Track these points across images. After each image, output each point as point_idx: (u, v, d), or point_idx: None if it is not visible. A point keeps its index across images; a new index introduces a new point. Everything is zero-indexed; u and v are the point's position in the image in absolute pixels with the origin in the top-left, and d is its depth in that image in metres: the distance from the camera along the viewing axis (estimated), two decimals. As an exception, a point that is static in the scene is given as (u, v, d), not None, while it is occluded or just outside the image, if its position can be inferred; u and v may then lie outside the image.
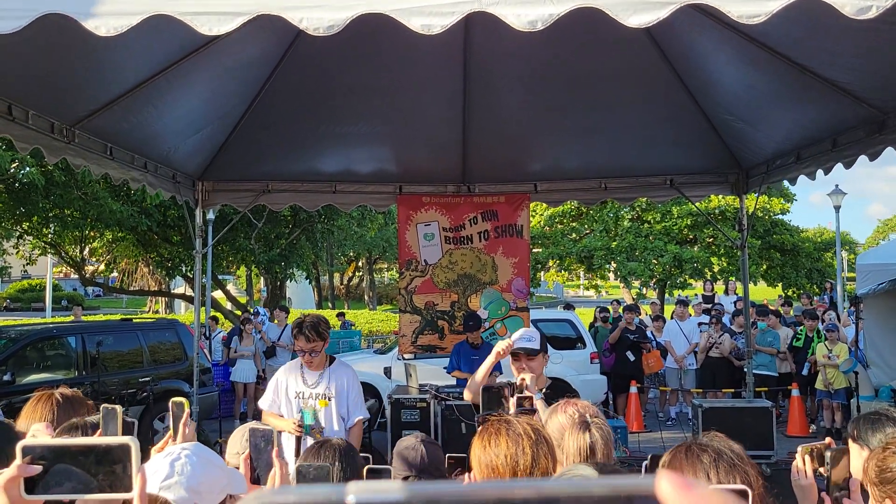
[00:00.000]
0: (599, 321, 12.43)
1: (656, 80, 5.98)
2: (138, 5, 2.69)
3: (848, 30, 3.67)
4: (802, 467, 2.24)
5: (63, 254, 17.56)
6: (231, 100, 6.18)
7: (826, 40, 4.30)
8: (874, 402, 8.91)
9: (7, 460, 1.13)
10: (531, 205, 8.67)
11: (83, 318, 15.86)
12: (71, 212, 14.16)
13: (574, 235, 25.92)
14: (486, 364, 3.68)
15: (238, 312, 17.15)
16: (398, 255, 8.23)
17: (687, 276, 24.39)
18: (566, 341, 11.23)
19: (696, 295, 19.60)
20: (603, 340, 11.42)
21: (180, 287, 27.32)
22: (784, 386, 10.37)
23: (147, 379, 9.10)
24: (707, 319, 11.75)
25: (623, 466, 4.08)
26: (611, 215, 24.69)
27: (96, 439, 1.33)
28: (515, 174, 7.83)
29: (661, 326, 11.93)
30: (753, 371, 8.23)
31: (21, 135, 4.52)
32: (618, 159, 7.46)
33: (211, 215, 13.78)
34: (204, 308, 14.29)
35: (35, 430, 2.03)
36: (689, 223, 24.09)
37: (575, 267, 26.40)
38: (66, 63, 4.41)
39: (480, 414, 2.63)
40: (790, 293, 25.78)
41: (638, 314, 12.44)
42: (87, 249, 19.45)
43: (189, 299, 18.95)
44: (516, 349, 3.62)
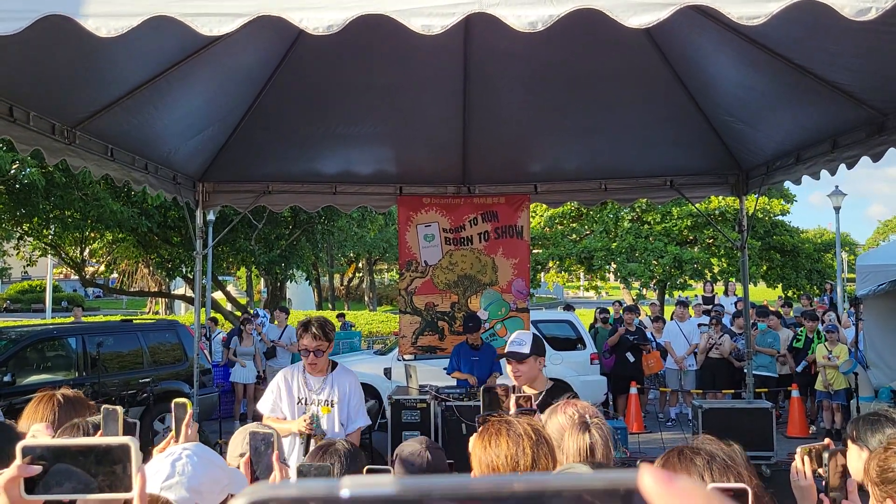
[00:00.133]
0: (599, 322, 12.43)
1: (656, 81, 5.98)
2: (139, 7, 2.69)
3: (848, 31, 3.67)
4: (802, 468, 2.24)
5: (63, 255, 17.56)
6: (231, 101, 6.18)
7: (826, 41, 4.30)
8: (874, 403, 8.90)
9: (8, 460, 1.13)
10: (531, 206, 8.66)
11: (83, 319, 15.86)
12: (71, 213, 14.16)
13: (574, 236, 25.91)
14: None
15: (238, 313, 17.15)
16: (398, 256, 8.23)
17: (687, 277, 24.38)
18: (566, 342, 11.24)
19: (696, 296, 19.62)
20: (603, 341, 11.42)
21: (180, 288, 27.33)
22: (784, 387, 10.37)
23: (147, 380, 9.10)
24: (707, 320, 11.75)
25: (623, 467, 4.07)
26: (611, 216, 24.67)
27: (96, 439, 1.33)
28: (515, 175, 7.84)
29: (661, 327, 11.93)
30: (753, 372, 8.22)
31: (22, 136, 4.51)
32: (618, 160, 7.46)
33: (211, 216, 13.78)
34: (204, 309, 14.30)
35: (35, 431, 2.03)
36: (689, 224, 24.08)
37: (575, 268, 26.37)
38: (67, 64, 4.41)
39: (481, 414, 2.62)
40: (790, 294, 25.78)
41: (637, 315, 12.44)
42: (88, 250, 19.45)
43: (189, 300, 18.95)
44: (506, 353, 3.64)
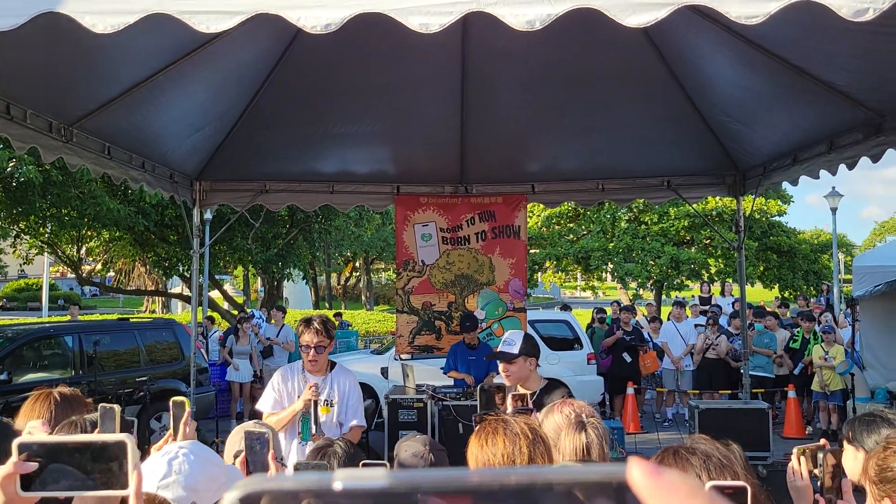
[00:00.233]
0: (597, 322, 12.44)
1: (653, 81, 5.98)
2: (136, 4, 2.69)
3: (845, 31, 3.68)
4: (798, 468, 2.25)
5: (60, 253, 17.53)
6: (229, 100, 6.17)
7: (823, 42, 4.31)
8: (870, 404, 8.93)
9: (4, 457, 1.12)
10: (528, 206, 8.67)
11: (80, 318, 15.84)
12: (68, 211, 14.14)
13: (571, 236, 25.92)
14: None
15: (235, 312, 17.13)
16: (395, 256, 8.23)
17: (684, 278, 24.41)
18: (563, 342, 11.25)
19: (693, 296, 19.63)
20: (600, 341, 11.43)
21: (177, 287, 27.27)
22: (781, 387, 10.39)
23: (144, 378, 9.08)
24: (704, 321, 11.77)
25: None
26: (608, 216, 24.69)
27: (92, 436, 1.33)
28: (513, 175, 7.84)
29: (658, 328, 11.94)
30: (750, 372, 8.23)
31: (19, 134, 4.50)
32: (615, 160, 7.47)
33: (208, 215, 13.75)
34: (201, 308, 14.28)
35: (31, 427, 2.02)
36: (687, 224, 24.11)
37: (572, 268, 26.38)
38: (65, 62, 4.40)
39: (478, 413, 2.62)
40: (787, 295, 25.81)
41: (634, 315, 12.45)
42: (84, 249, 19.43)
43: (186, 299, 18.94)
44: (496, 353, 3.67)
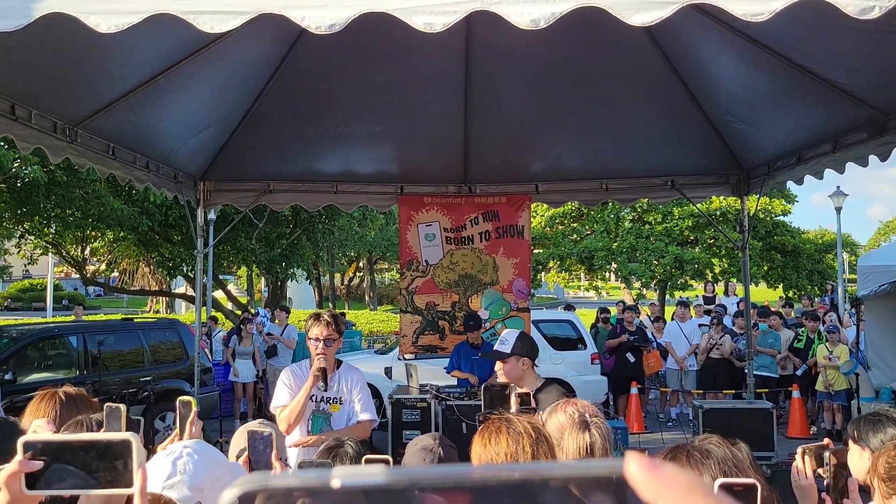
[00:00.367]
0: (601, 322, 12.42)
1: (657, 80, 5.98)
2: (140, 4, 2.69)
3: (850, 30, 3.67)
4: (802, 468, 2.24)
5: (64, 253, 17.57)
6: (233, 100, 6.18)
7: (828, 41, 4.30)
8: (874, 404, 8.89)
9: (10, 456, 1.13)
10: (532, 205, 8.67)
11: (84, 318, 15.86)
12: (72, 211, 14.17)
13: (575, 236, 25.91)
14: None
15: (238, 312, 17.15)
16: (399, 256, 8.23)
17: (688, 278, 24.38)
18: (567, 342, 11.23)
19: (697, 296, 19.59)
20: (604, 341, 11.41)
21: (181, 287, 27.32)
22: (785, 387, 10.36)
23: (148, 378, 9.10)
24: (708, 321, 11.74)
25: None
26: (612, 216, 24.67)
27: (97, 435, 1.33)
28: (517, 175, 7.83)
29: (662, 327, 11.92)
30: (754, 372, 8.22)
31: (23, 134, 4.51)
32: (619, 160, 7.46)
33: (212, 215, 13.76)
34: (205, 308, 14.29)
35: (36, 426, 2.02)
36: (691, 224, 24.07)
37: (576, 268, 26.37)
38: (69, 62, 4.40)
39: (481, 412, 2.62)
40: (791, 294, 25.76)
41: (638, 315, 12.43)
42: (89, 249, 19.46)
43: (190, 299, 18.95)
44: (490, 351, 3.67)
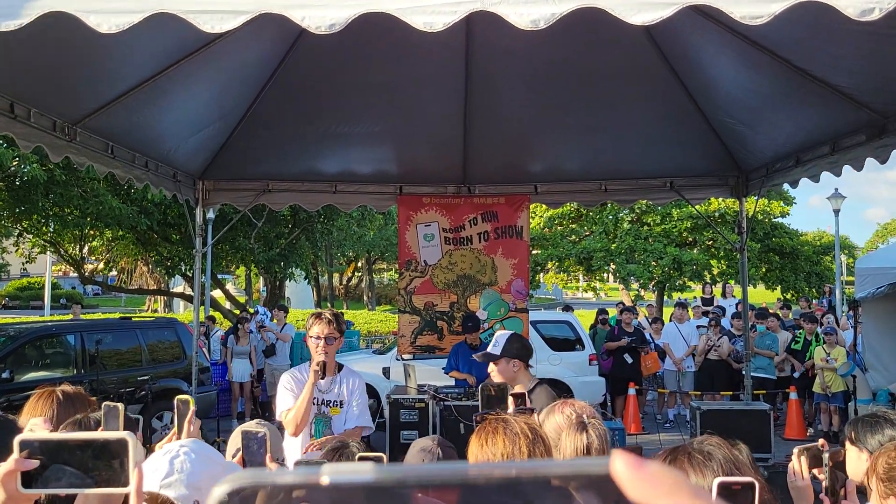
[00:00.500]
0: (599, 323, 12.43)
1: (657, 81, 5.98)
2: (141, 3, 2.69)
3: (850, 32, 3.67)
4: (798, 469, 2.24)
5: (62, 252, 17.55)
6: (232, 99, 6.18)
7: (828, 43, 4.30)
8: (872, 406, 8.90)
9: (7, 455, 1.12)
10: (531, 206, 8.67)
11: (82, 317, 15.86)
12: (71, 210, 14.16)
13: (573, 237, 25.91)
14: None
15: (237, 312, 17.14)
16: (398, 256, 8.23)
17: (686, 279, 24.39)
18: (565, 343, 11.24)
19: (695, 298, 19.62)
20: (602, 342, 11.42)
21: (179, 286, 27.29)
22: (782, 389, 10.37)
23: (146, 378, 9.09)
24: (706, 322, 11.75)
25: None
26: (610, 217, 24.68)
27: (94, 434, 1.33)
28: (516, 175, 7.83)
29: (660, 329, 11.93)
30: (752, 374, 8.22)
31: (23, 133, 4.50)
32: (618, 161, 7.46)
33: (211, 214, 13.76)
34: (203, 307, 14.28)
35: (33, 425, 2.02)
36: (689, 226, 24.08)
37: (574, 269, 26.37)
38: (69, 61, 4.40)
39: (479, 413, 2.62)
40: (789, 296, 25.79)
41: (636, 316, 12.44)
42: (87, 248, 19.45)
43: (188, 298, 18.94)
44: (482, 353, 3.68)
